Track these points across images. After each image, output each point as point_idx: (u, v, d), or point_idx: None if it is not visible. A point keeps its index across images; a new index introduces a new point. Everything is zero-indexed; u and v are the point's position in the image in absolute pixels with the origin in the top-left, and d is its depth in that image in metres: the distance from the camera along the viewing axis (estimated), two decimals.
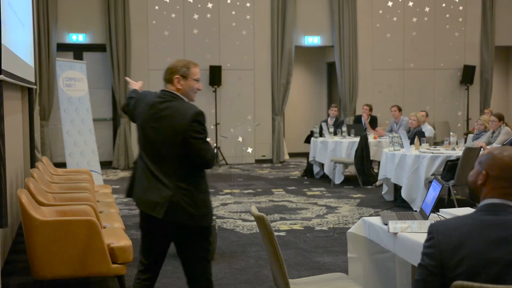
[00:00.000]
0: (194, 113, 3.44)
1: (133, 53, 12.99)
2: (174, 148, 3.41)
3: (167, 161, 3.44)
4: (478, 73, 15.00)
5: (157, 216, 3.43)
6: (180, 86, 3.58)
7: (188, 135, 3.39)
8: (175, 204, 3.39)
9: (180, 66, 3.61)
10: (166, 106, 3.50)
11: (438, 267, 2.27)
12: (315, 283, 3.48)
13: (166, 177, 3.43)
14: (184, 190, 3.40)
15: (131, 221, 7.54)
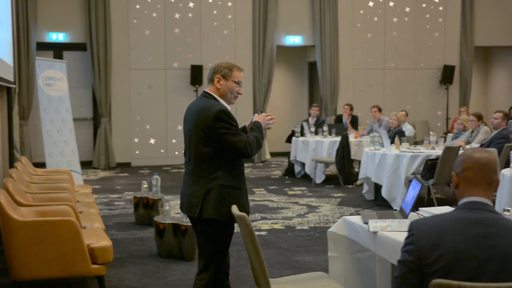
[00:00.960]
0: (216, 110, 3.50)
1: (113, 52, 12.92)
2: (203, 146, 3.53)
3: (199, 160, 3.56)
4: (458, 73, 15.14)
5: (194, 216, 3.56)
6: (219, 86, 3.65)
7: (215, 132, 3.48)
8: (207, 202, 3.50)
9: (223, 67, 3.69)
10: (196, 106, 3.63)
11: (416, 263, 2.30)
12: (295, 282, 3.48)
13: (199, 176, 3.55)
14: (216, 186, 3.51)
15: (111, 221, 7.50)
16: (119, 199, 9.14)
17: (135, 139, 13.29)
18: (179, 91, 13.44)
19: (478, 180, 2.38)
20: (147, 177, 10.87)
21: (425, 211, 3.84)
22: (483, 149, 2.48)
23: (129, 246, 6.28)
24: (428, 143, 8.68)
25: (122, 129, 13.20)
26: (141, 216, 7.22)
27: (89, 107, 13.29)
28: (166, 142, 13.48)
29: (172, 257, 5.73)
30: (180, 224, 5.65)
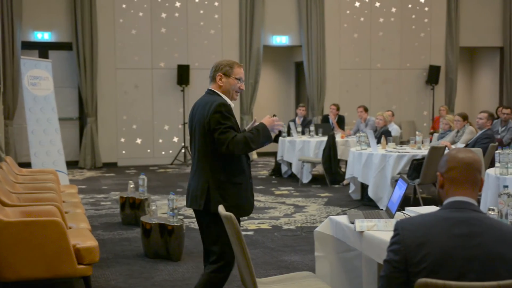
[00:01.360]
0: (216, 104, 3.61)
1: (100, 51, 12.86)
2: (205, 141, 3.65)
3: (202, 154, 3.69)
4: (443, 73, 15.23)
5: (198, 208, 3.68)
6: (221, 83, 3.78)
7: (210, 126, 3.60)
8: (210, 195, 3.63)
9: (224, 65, 3.82)
10: (200, 103, 3.76)
11: (402, 263, 2.31)
12: (282, 282, 3.49)
13: (202, 170, 3.68)
14: (217, 181, 3.64)
15: (98, 221, 7.46)
16: (105, 199, 9.10)
17: (121, 139, 13.24)
18: (165, 91, 13.41)
19: (462, 180, 2.40)
20: (134, 177, 10.83)
21: (411, 210, 3.87)
22: (467, 149, 2.50)
23: (116, 246, 6.26)
24: (414, 143, 8.72)
25: (108, 128, 13.14)
26: (127, 216, 7.19)
27: (75, 107, 13.22)
28: (153, 142, 13.44)
29: (158, 257, 5.72)
30: (166, 224, 5.63)
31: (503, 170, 5.59)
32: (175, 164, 13.31)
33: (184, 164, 13.20)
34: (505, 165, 5.58)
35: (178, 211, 5.76)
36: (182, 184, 10.43)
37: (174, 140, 13.51)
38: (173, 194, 5.75)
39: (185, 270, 5.41)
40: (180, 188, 9.96)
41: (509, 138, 10.04)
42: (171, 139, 13.50)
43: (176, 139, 13.51)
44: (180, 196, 9.11)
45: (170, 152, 13.48)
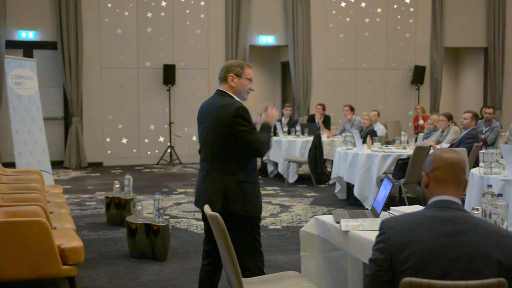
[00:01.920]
0: (236, 107, 3.64)
1: (85, 51, 12.79)
2: (222, 143, 3.65)
3: (218, 156, 3.68)
4: (428, 73, 15.32)
5: (214, 211, 3.57)
6: (233, 84, 3.79)
7: (233, 129, 3.61)
8: (227, 197, 3.63)
9: (235, 66, 3.81)
10: (213, 103, 3.75)
11: (387, 261, 2.32)
12: (268, 281, 3.49)
13: (218, 172, 3.67)
14: (234, 182, 3.64)
15: (83, 221, 7.43)
16: (90, 199, 9.05)
17: (107, 138, 13.18)
18: (151, 91, 13.37)
19: (447, 179, 2.42)
20: (119, 177, 10.79)
21: (396, 210, 3.88)
22: (452, 149, 2.53)
23: (101, 246, 6.23)
24: (399, 142, 8.76)
25: (93, 128, 13.08)
26: (113, 216, 7.16)
27: (60, 106, 13.14)
28: (139, 142, 13.39)
29: (144, 257, 5.70)
30: (152, 224, 5.62)
31: (487, 170, 5.63)
32: (161, 164, 13.27)
33: (170, 164, 13.17)
34: (489, 165, 5.63)
35: (163, 211, 5.75)
36: (168, 184, 10.41)
37: (160, 140, 13.47)
38: (159, 194, 5.73)
39: (170, 270, 5.40)
40: (166, 188, 9.94)
41: (493, 138, 10.12)
42: (157, 139, 13.46)
43: (162, 139, 13.47)
44: (165, 196, 9.09)
45: (156, 152, 13.44)
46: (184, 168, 12.63)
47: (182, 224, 7.25)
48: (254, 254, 3.74)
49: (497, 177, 5.49)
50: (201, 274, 3.87)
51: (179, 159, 13.29)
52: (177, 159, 13.30)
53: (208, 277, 3.83)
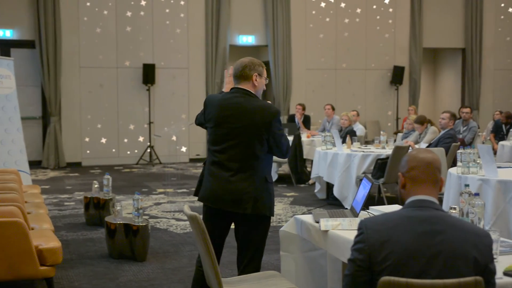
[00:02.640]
0: (275, 111, 3.68)
1: (63, 50, 12.68)
2: (255, 145, 3.63)
3: (247, 157, 3.65)
4: (407, 73, 15.44)
5: (244, 212, 3.63)
6: (256, 84, 3.77)
7: (271, 132, 3.64)
8: (257, 198, 3.63)
9: (257, 65, 3.81)
10: (245, 105, 3.67)
11: (366, 261, 2.34)
12: (247, 281, 3.49)
13: (246, 173, 3.64)
14: (262, 183, 3.66)
15: (61, 222, 7.36)
16: (69, 199, 8.98)
17: (85, 138, 13.08)
18: (131, 90, 13.29)
19: (424, 179, 2.45)
20: (98, 177, 10.71)
21: (375, 209, 3.90)
22: (427, 149, 2.56)
23: (79, 247, 6.18)
24: (378, 142, 8.81)
25: (72, 128, 12.97)
26: (91, 216, 7.11)
27: (38, 106, 13.00)
28: (118, 142, 13.31)
29: (123, 257, 5.67)
30: (131, 225, 5.59)
31: (464, 170, 5.68)
32: (140, 164, 13.21)
33: (149, 164, 13.11)
34: (466, 165, 5.68)
35: (143, 211, 5.72)
36: (148, 184, 10.36)
37: (139, 139, 13.40)
38: (138, 194, 5.70)
39: (150, 270, 5.37)
40: (146, 188, 9.89)
41: (471, 138, 10.23)
42: (137, 138, 13.39)
43: (142, 139, 13.41)
44: (145, 196, 9.05)
45: (135, 151, 13.37)
46: (164, 168, 12.58)
47: (162, 224, 7.22)
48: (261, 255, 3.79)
49: (474, 176, 5.55)
50: (196, 275, 3.83)
51: (158, 159, 13.24)
52: (157, 159, 13.24)
53: (203, 278, 3.76)
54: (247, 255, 3.73)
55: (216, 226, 3.75)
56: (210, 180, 3.75)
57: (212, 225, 3.73)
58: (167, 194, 9.35)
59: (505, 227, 5.28)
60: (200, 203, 3.85)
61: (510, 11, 16.21)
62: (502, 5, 16.13)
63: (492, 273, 2.35)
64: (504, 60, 16.26)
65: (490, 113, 14.97)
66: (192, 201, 8.56)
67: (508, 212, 5.31)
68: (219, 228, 3.78)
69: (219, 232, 3.79)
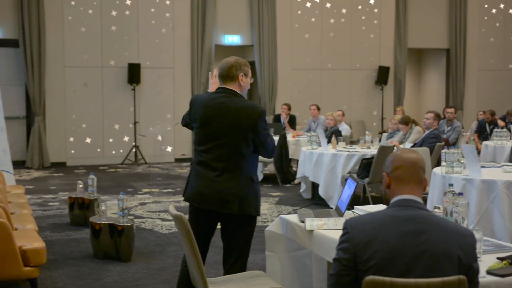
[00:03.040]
0: (260, 111, 3.68)
1: (47, 49, 12.59)
2: (241, 144, 3.63)
3: (233, 156, 3.64)
4: (392, 73, 15.51)
5: (230, 212, 3.62)
6: (242, 84, 3.76)
7: (257, 131, 3.63)
8: (244, 199, 3.63)
9: (243, 64, 3.80)
10: (231, 104, 3.66)
11: (351, 261, 2.35)
12: (233, 281, 3.49)
13: (232, 173, 3.64)
14: (248, 183, 3.66)
15: (45, 222, 7.32)
16: (53, 199, 8.92)
17: (70, 138, 13.00)
18: (116, 90, 13.23)
19: (408, 178, 2.46)
20: (83, 177, 10.65)
21: (360, 209, 3.92)
22: (411, 149, 2.58)
23: (64, 247, 6.15)
24: (363, 142, 8.85)
25: (56, 128, 12.89)
26: (76, 216, 7.07)
27: (22, 105, 12.90)
28: (103, 141, 13.24)
29: (108, 258, 5.64)
30: (116, 225, 5.56)
31: (448, 169, 5.72)
32: (125, 163, 13.15)
33: (135, 164, 13.06)
34: (450, 164, 5.72)
35: (128, 211, 5.70)
36: (133, 184, 10.32)
37: (124, 139, 13.35)
38: (123, 194, 5.68)
39: (135, 270, 5.35)
40: (131, 188, 9.85)
41: (455, 138, 10.30)
42: (122, 138, 13.34)
43: (127, 139, 13.35)
44: (130, 196, 9.01)
45: (120, 151, 13.31)
46: (149, 168, 12.54)
47: (147, 225, 7.20)
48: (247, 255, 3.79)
49: (458, 176, 5.59)
50: (181, 275, 3.82)
51: (144, 159, 13.19)
52: (142, 158, 13.20)
53: (188, 278, 3.74)
54: (233, 254, 3.73)
55: (202, 226, 3.75)
56: (196, 180, 3.74)
57: (198, 225, 3.73)
58: (153, 194, 9.33)
59: (489, 226, 5.32)
60: (186, 203, 3.85)
61: (493, 12, 16.34)
62: (485, 6, 16.26)
63: (475, 272, 2.37)
64: (488, 61, 16.40)
65: (474, 113, 15.08)
66: (177, 201, 8.54)
67: (492, 212, 5.35)
68: (205, 228, 3.78)
69: (205, 232, 3.78)
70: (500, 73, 16.52)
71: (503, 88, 16.54)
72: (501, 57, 16.48)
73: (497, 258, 2.93)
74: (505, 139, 9.69)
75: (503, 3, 16.37)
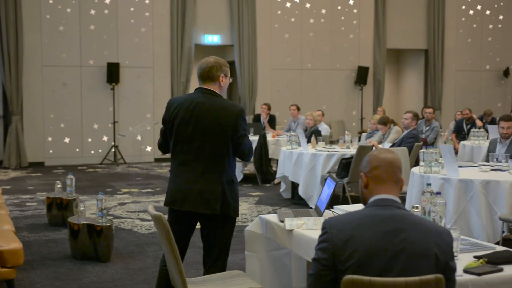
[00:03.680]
0: (239, 110, 3.66)
1: (25, 48, 12.46)
2: (220, 144, 3.62)
3: (212, 156, 3.63)
4: (371, 74, 15.60)
5: (213, 213, 3.61)
6: (222, 84, 3.77)
7: (235, 131, 3.61)
8: (225, 198, 3.63)
9: (223, 65, 3.81)
10: (210, 104, 3.66)
11: (330, 260, 2.36)
12: (212, 281, 3.49)
13: (213, 173, 3.62)
14: (229, 183, 3.66)
15: (23, 222, 7.24)
16: (31, 199, 8.83)
17: (48, 137, 12.88)
18: (95, 89, 13.14)
19: (386, 178, 2.48)
20: (61, 177, 10.56)
21: (340, 208, 3.94)
22: (388, 149, 2.60)
23: (42, 248, 6.09)
24: (343, 142, 8.89)
25: (34, 127, 12.76)
26: (54, 217, 7.01)
27: None
28: (82, 141, 13.14)
29: (86, 258, 5.60)
30: (95, 225, 5.52)
31: (427, 169, 5.77)
32: (104, 163, 13.07)
33: (114, 164, 12.98)
34: (429, 164, 5.77)
35: (107, 212, 5.66)
36: (112, 184, 10.26)
37: (103, 139, 13.26)
38: (102, 194, 5.64)
39: (114, 271, 5.32)
40: (110, 188, 9.79)
41: (433, 138, 10.40)
42: (101, 138, 13.25)
43: (106, 138, 13.27)
44: (109, 196, 8.95)
45: (99, 151, 13.22)
46: (129, 167, 12.47)
47: (126, 225, 7.16)
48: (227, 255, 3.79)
49: (436, 176, 5.64)
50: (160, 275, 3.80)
51: (123, 159, 13.12)
52: (121, 158, 13.12)
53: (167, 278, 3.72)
54: (212, 254, 3.73)
55: (181, 226, 3.73)
56: (176, 181, 3.72)
57: (177, 225, 3.71)
58: (132, 194, 9.28)
59: (466, 225, 5.38)
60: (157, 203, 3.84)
61: (471, 13, 16.52)
62: (463, 7, 16.43)
63: (452, 270, 2.39)
64: (465, 61, 16.57)
65: (452, 113, 15.24)
66: (157, 201, 8.50)
67: (469, 211, 5.41)
68: (185, 229, 3.77)
69: (184, 232, 3.77)
70: (477, 73, 16.70)
71: (480, 89, 16.73)
72: (478, 57, 16.67)
73: (474, 256, 2.96)
74: (482, 139, 9.79)
75: (480, 5, 16.55)
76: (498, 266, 2.81)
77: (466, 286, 2.68)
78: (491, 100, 16.65)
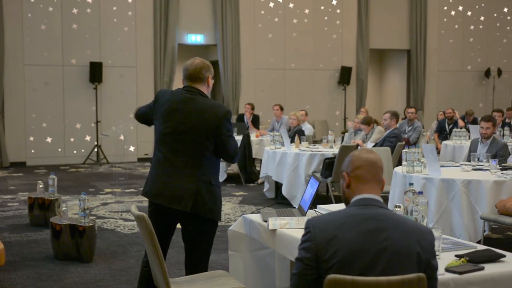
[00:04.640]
0: (225, 111, 3.67)
1: (6, 47, 12.35)
2: (202, 143, 3.61)
3: (193, 155, 3.62)
4: (355, 74, 15.67)
5: (184, 209, 3.58)
6: (210, 85, 3.82)
7: (219, 131, 3.61)
8: (199, 197, 3.59)
9: (210, 66, 3.85)
10: (197, 102, 3.67)
11: (313, 260, 2.36)
12: (196, 281, 3.48)
13: (190, 171, 3.61)
14: (206, 184, 3.62)
15: (4, 223, 7.18)
16: (12, 200, 8.76)
17: (30, 137, 12.78)
18: (77, 89, 13.06)
19: (368, 178, 2.50)
20: (43, 177, 10.48)
21: (323, 208, 3.95)
22: (369, 150, 2.62)
23: (23, 248, 6.04)
24: (326, 142, 8.92)
25: (16, 127, 12.65)
26: (36, 217, 6.95)
27: None
28: (64, 141, 13.05)
29: (69, 259, 5.56)
30: (77, 225, 5.49)
31: (409, 168, 5.81)
32: (87, 163, 12.99)
33: (96, 164, 12.91)
34: (411, 164, 5.81)
35: (89, 212, 5.63)
36: (95, 184, 10.20)
37: (86, 139, 13.18)
38: (85, 194, 5.61)
39: (96, 271, 5.29)
40: (93, 188, 9.73)
41: (415, 138, 10.47)
42: (83, 138, 13.17)
43: (89, 138, 13.19)
44: (92, 196, 8.90)
45: (82, 151, 13.14)
46: (112, 167, 12.40)
47: (109, 225, 7.12)
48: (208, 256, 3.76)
49: (418, 175, 5.68)
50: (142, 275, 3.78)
51: (106, 159, 13.05)
52: (104, 158, 13.05)
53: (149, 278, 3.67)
54: (194, 256, 3.72)
55: (159, 223, 3.69)
56: (153, 174, 3.74)
57: (156, 225, 3.69)
58: (115, 194, 9.23)
59: (448, 224, 5.43)
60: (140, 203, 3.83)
61: (452, 14, 16.65)
62: (445, 8, 16.56)
63: (434, 268, 2.41)
64: (447, 62, 16.70)
65: (434, 113, 15.34)
66: (140, 201, 8.47)
67: (451, 210, 5.46)
68: (164, 228, 3.73)
69: (163, 231, 3.73)
70: (459, 73, 16.85)
71: (462, 89, 16.87)
72: (460, 58, 16.81)
73: (456, 255, 2.99)
74: (464, 139, 9.88)
75: (461, 5, 16.70)
76: (479, 265, 2.84)
77: (447, 284, 2.70)
78: (473, 100, 16.79)
